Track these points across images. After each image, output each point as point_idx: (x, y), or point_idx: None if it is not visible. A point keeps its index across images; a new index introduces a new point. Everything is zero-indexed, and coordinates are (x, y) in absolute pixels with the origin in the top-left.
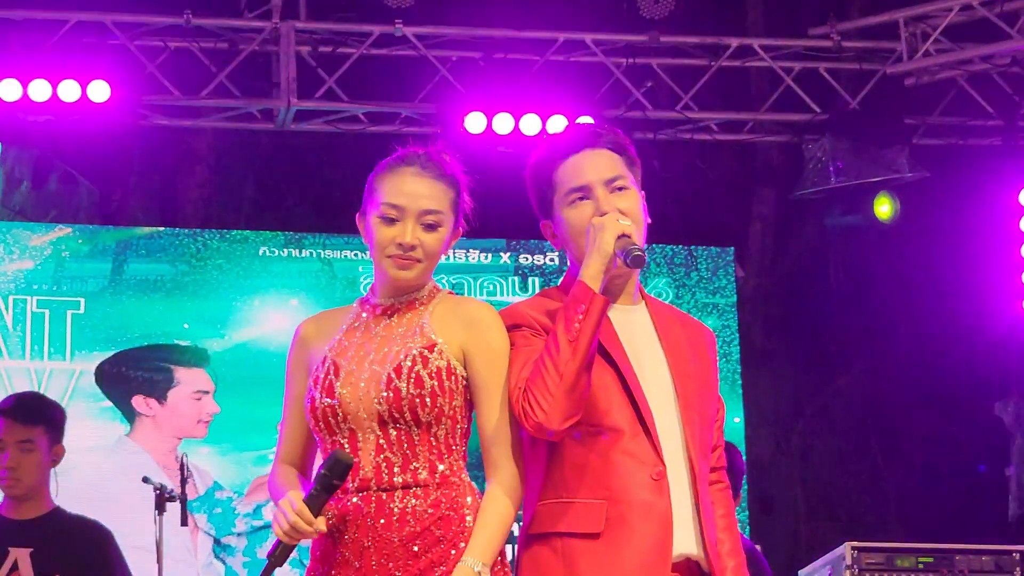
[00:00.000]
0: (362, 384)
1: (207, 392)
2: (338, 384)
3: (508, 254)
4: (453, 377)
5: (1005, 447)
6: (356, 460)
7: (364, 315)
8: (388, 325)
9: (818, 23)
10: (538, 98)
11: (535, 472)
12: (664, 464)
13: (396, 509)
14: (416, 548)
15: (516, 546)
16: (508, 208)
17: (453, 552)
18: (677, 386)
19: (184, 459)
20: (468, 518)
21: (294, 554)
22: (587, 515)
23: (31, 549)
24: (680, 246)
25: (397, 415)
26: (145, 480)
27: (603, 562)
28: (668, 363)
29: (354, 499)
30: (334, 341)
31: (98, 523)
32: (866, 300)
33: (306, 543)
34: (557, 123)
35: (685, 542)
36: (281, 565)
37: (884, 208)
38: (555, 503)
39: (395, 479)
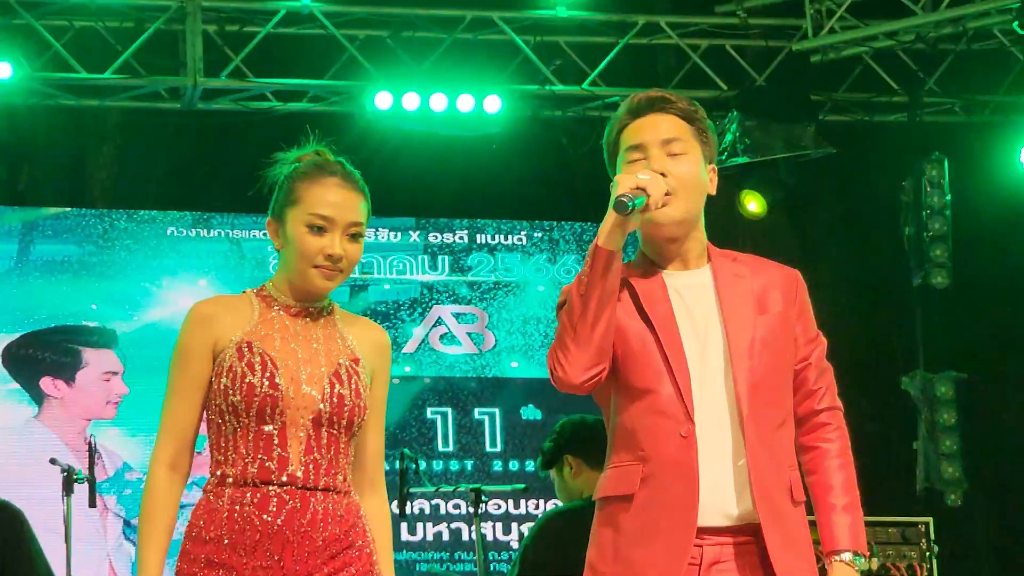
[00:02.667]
0: (303, 381)
1: (116, 373)
2: (279, 376)
3: (417, 232)
4: (367, 393)
5: (912, 421)
6: (286, 455)
7: (275, 309)
8: (306, 326)
9: (724, 0)
10: (446, 76)
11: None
12: (693, 423)
13: (320, 510)
14: (333, 552)
15: None
16: (417, 186)
17: (356, 554)
18: (731, 341)
19: (92, 441)
20: (367, 526)
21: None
22: (625, 477)
23: None
24: (589, 223)
25: (336, 419)
26: (52, 462)
27: (638, 521)
28: (723, 319)
29: (276, 489)
30: (250, 329)
31: (9, 503)
32: None
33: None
34: (465, 101)
35: (729, 504)
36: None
37: (752, 205)
38: (609, 469)
39: (320, 480)
